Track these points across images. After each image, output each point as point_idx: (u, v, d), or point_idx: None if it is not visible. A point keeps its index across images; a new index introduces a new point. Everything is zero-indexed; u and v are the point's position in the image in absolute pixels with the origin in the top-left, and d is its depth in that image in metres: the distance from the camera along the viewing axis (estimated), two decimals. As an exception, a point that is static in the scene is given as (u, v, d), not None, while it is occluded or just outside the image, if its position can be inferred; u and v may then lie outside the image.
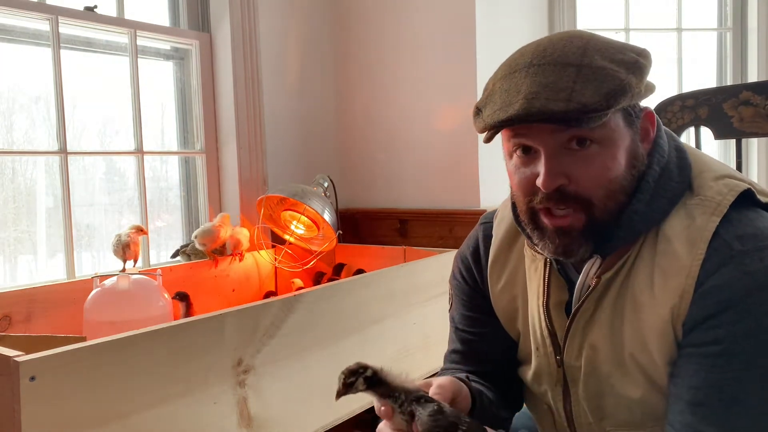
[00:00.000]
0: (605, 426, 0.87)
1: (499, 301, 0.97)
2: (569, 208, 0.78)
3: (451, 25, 2.28)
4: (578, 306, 0.84)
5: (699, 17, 2.62)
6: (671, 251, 0.77)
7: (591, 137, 0.75)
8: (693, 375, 0.74)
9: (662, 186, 0.80)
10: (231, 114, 2.21)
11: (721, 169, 0.82)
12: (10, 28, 1.81)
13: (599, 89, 0.72)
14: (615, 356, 0.82)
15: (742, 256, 0.72)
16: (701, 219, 0.76)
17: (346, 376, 0.77)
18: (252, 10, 2.22)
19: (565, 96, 0.71)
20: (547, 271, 0.89)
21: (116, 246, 1.79)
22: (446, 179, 2.33)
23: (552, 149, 0.77)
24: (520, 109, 0.73)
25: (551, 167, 0.76)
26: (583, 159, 0.76)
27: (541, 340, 0.91)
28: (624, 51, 0.77)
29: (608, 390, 0.84)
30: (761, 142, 2.53)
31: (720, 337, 0.72)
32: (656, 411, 0.81)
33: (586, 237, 0.79)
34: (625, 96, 0.73)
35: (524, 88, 0.74)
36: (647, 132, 0.81)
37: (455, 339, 1.03)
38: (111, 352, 1.02)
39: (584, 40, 0.77)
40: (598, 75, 0.73)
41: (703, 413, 0.72)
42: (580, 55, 0.74)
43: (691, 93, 1.43)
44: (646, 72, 0.76)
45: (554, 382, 0.90)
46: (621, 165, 0.77)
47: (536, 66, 0.75)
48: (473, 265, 1.01)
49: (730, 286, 0.71)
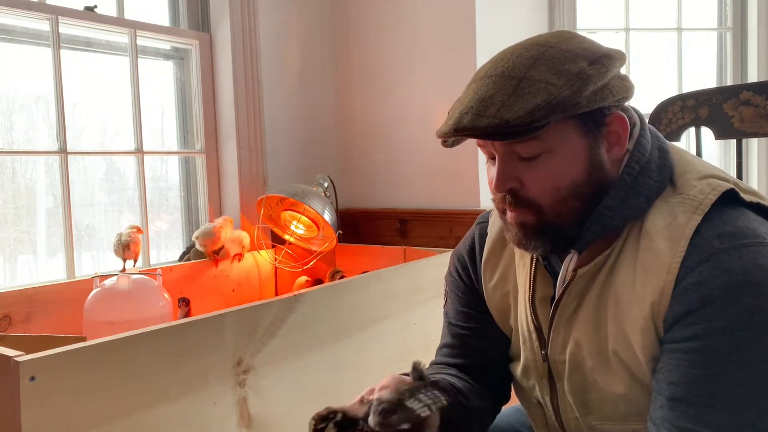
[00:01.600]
0: (591, 420, 0.88)
1: (493, 298, 0.99)
2: (523, 209, 0.83)
3: (451, 25, 2.28)
4: (558, 299, 0.86)
5: (699, 17, 2.62)
6: (653, 248, 0.78)
7: (532, 150, 0.79)
8: (672, 371, 0.75)
9: (640, 184, 0.81)
10: (231, 114, 2.21)
11: (705, 170, 0.83)
12: (10, 28, 1.81)
13: (525, 105, 0.74)
14: (598, 352, 0.84)
15: (721, 254, 0.73)
16: (683, 217, 0.77)
17: (317, 422, 0.77)
18: (252, 10, 2.22)
19: (493, 112, 0.75)
20: (533, 266, 0.92)
21: (117, 246, 1.79)
22: (446, 179, 2.33)
23: (503, 155, 0.82)
24: (452, 124, 0.78)
25: (501, 172, 0.82)
26: (532, 167, 0.80)
27: (527, 335, 0.93)
28: (576, 59, 0.77)
29: (592, 385, 0.86)
30: (761, 143, 2.53)
31: (698, 334, 0.72)
32: (640, 406, 0.82)
33: (538, 234, 0.83)
34: (553, 111, 0.74)
35: (466, 101, 0.79)
36: (617, 136, 0.82)
37: (447, 333, 1.06)
38: (111, 352, 1.02)
39: (545, 47, 0.79)
40: (533, 89, 0.75)
41: (682, 409, 0.73)
42: (527, 67, 0.77)
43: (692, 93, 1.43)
44: (593, 79, 0.76)
45: (540, 376, 0.93)
46: (572, 173, 0.80)
47: (487, 77, 0.80)
48: (468, 263, 1.03)
49: (709, 283, 0.72)
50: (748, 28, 2.57)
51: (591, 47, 0.80)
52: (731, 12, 2.58)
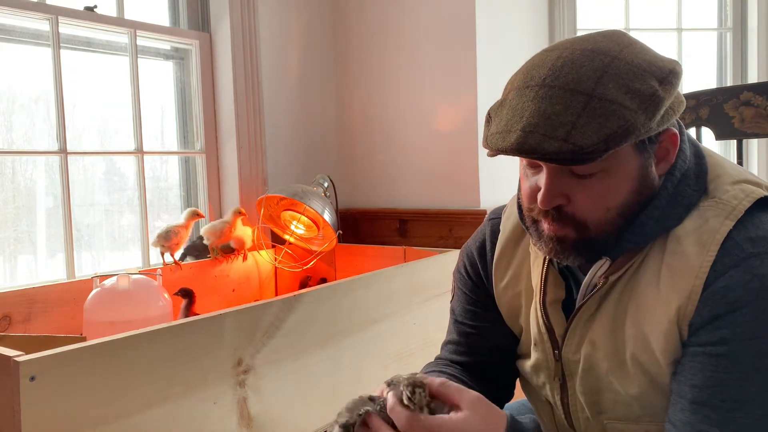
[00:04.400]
0: (602, 420, 0.87)
1: (503, 297, 0.98)
2: (564, 224, 0.79)
3: (451, 25, 2.28)
4: (581, 304, 0.84)
5: (699, 17, 2.62)
6: (681, 251, 0.77)
7: (590, 169, 0.75)
8: (696, 374, 0.73)
9: (680, 192, 0.79)
10: (231, 114, 2.21)
11: (738, 174, 0.81)
12: (10, 28, 1.81)
13: (600, 130, 0.70)
14: (615, 354, 0.82)
15: (753, 259, 0.72)
16: (714, 221, 0.76)
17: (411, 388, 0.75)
18: (252, 10, 2.22)
19: (563, 134, 0.70)
20: (545, 268, 0.90)
21: (163, 236, 1.86)
22: (446, 179, 2.33)
23: (554, 170, 0.77)
24: (515, 142, 0.73)
25: (551, 187, 0.77)
26: (585, 185, 0.77)
27: (538, 336, 0.92)
28: (645, 77, 0.73)
29: (606, 386, 0.85)
30: (762, 143, 2.53)
31: (726, 338, 0.71)
32: (654, 407, 0.81)
33: (577, 249, 0.80)
34: (628, 138, 0.70)
35: (527, 114, 0.73)
36: (666, 153, 0.80)
37: (453, 330, 1.05)
38: (111, 352, 1.02)
39: (609, 57, 0.74)
40: (606, 110, 0.70)
41: (705, 413, 0.72)
42: (595, 81, 0.72)
43: (693, 93, 1.43)
44: (665, 102, 0.73)
45: (552, 375, 0.91)
46: (623, 192, 0.78)
47: (547, 87, 0.73)
48: (478, 260, 1.01)
49: (739, 288, 0.71)
50: (748, 28, 2.57)
51: (655, 60, 0.76)
52: (731, 12, 2.58)
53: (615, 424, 0.86)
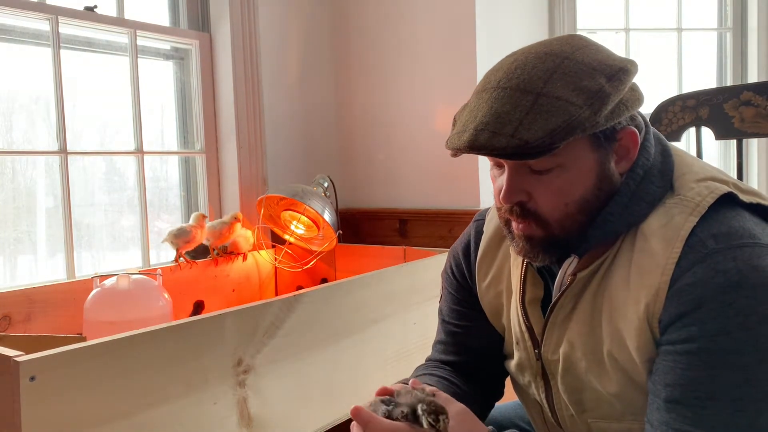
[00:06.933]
0: (586, 418, 0.88)
1: (486, 296, 1.00)
2: (529, 222, 0.82)
3: (451, 25, 2.28)
4: (555, 302, 0.87)
5: (699, 17, 2.62)
6: (647, 249, 0.78)
7: (545, 164, 0.78)
8: (668, 372, 0.74)
9: (643, 189, 0.81)
10: (231, 114, 2.21)
11: (703, 171, 0.82)
12: (10, 28, 1.81)
13: (546, 125, 0.73)
14: (593, 353, 0.84)
15: (716, 255, 0.73)
16: (679, 218, 0.77)
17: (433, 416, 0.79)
18: (252, 10, 2.22)
19: (510, 131, 0.73)
20: (524, 268, 0.92)
21: (177, 234, 1.86)
22: (446, 179, 2.33)
23: (513, 167, 0.81)
24: (467, 140, 0.77)
25: (510, 183, 0.81)
26: (543, 180, 0.80)
27: (520, 335, 0.94)
28: (594, 75, 0.76)
29: (586, 385, 0.86)
30: (761, 143, 2.53)
31: (693, 335, 0.72)
32: (635, 405, 0.82)
33: (545, 248, 0.83)
34: (573, 132, 0.73)
35: (480, 114, 0.77)
36: (627, 151, 0.82)
37: (441, 330, 1.07)
38: (111, 352, 1.02)
39: (560, 59, 0.77)
40: (552, 107, 0.73)
41: (679, 411, 0.73)
42: (544, 81, 0.75)
43: (693, 93, 1.43)
44: (611, 98, 0.75)
45: (535, 374, 0.93)
46: (582, 188, 0.80)
47: (500, 89, 0.77)
48: (463, 261, 1.04)
49: (703, 285, 0.72)
50: (748, 28, 2.57)
51: (606, 59, 0.79)
52: (731, 12, 2.58)
53: (599, 423, 0.87)
